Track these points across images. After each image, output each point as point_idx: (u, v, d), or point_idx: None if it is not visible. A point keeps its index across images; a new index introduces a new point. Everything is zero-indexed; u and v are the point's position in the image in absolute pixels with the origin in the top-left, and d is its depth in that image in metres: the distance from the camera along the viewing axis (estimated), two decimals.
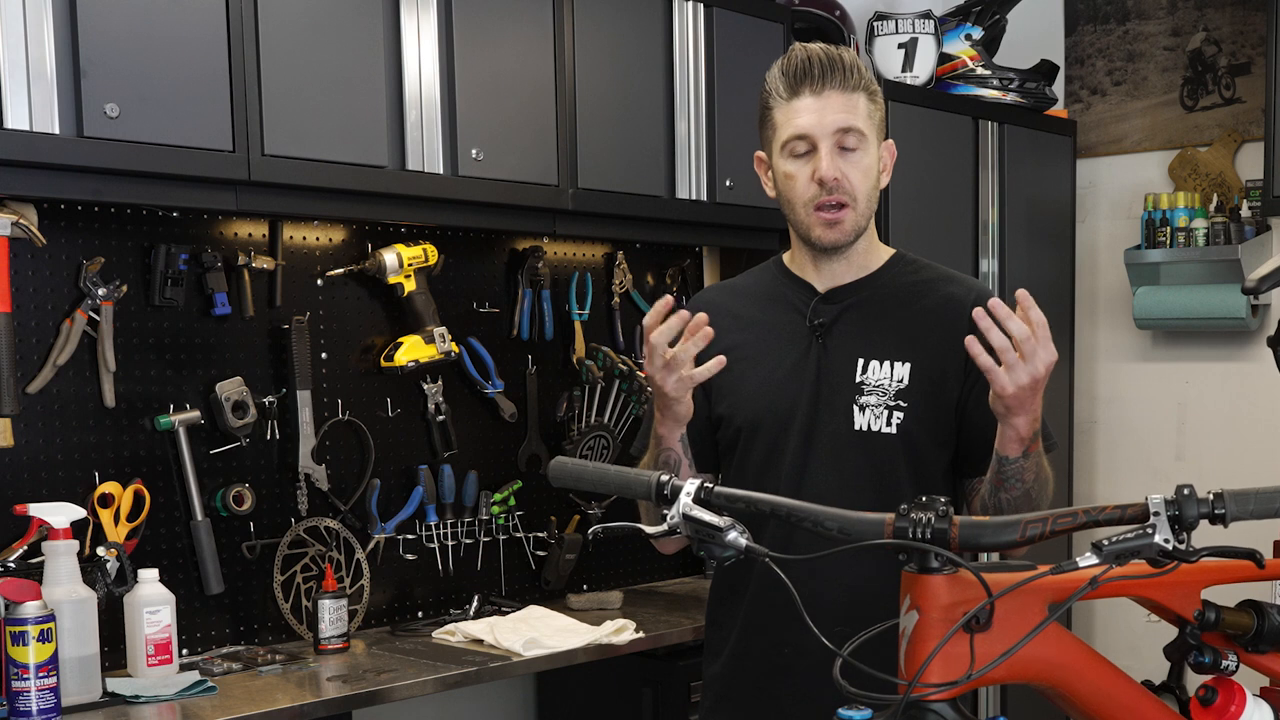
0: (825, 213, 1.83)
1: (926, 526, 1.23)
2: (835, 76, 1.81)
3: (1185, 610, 1.38)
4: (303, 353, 2.76)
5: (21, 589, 2.15)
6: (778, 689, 1.89)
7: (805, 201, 1.84)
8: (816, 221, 1.84)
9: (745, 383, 1.89)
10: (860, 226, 1.86)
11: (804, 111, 1.81)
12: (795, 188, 1.85)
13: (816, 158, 1.81)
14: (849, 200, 1.83)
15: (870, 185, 1.85)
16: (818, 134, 1.81)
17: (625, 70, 2.98)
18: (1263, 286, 2.43)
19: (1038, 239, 3.86)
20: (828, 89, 1.81)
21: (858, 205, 1.84)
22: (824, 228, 1.84)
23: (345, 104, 2.50)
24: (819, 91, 1.81)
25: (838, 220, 1.84)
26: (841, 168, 1.81)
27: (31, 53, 2.11)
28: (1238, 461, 3.78)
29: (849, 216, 1.84)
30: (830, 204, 1.82)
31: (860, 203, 1.84)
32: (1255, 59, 3.75)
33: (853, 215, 1.84)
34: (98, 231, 2.51)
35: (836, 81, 1.81)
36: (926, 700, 1.21)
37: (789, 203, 1.87)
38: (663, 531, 1.38)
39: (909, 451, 1.85)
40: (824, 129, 1.80)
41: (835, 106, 1.80)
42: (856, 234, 1.86)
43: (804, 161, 1.83)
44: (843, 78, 1.81)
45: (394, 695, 2.43)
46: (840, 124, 1.80)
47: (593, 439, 3.25)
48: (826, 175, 1.80)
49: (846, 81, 1.81)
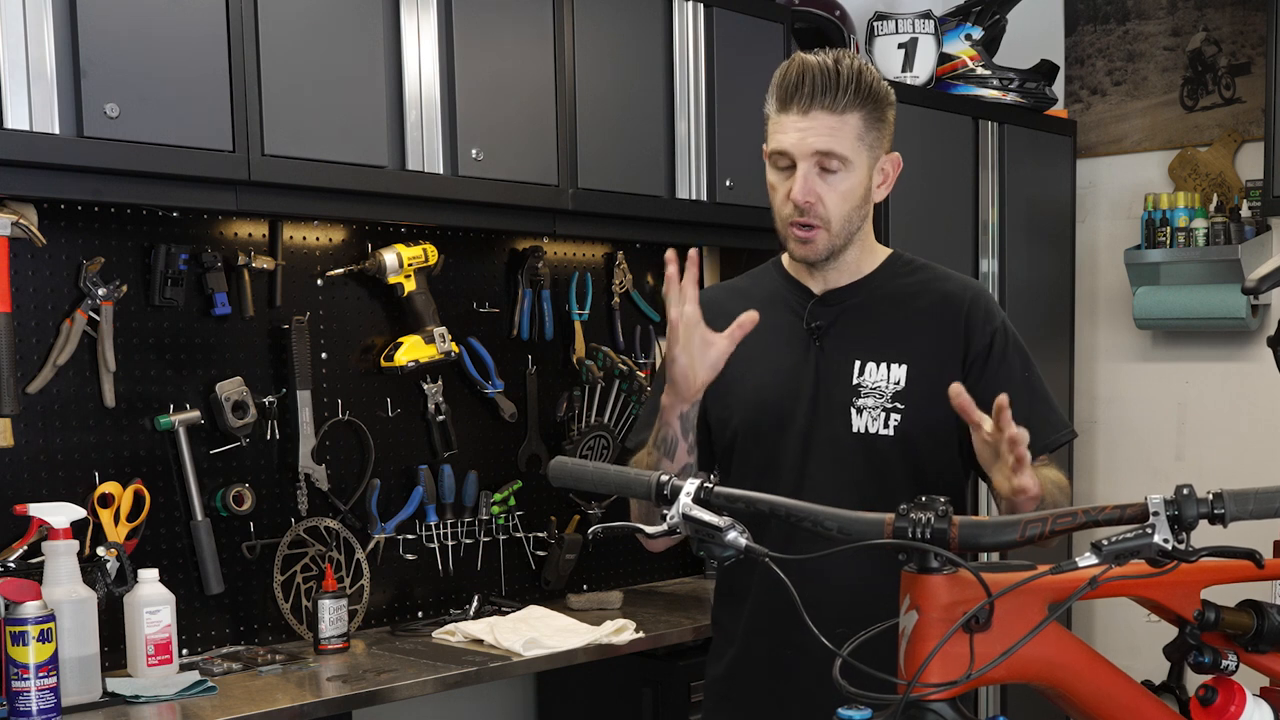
0: (798, 230, 1.84)
1: (926, 526, 1.23)
2: (826, 97, 1.78)
3: (1185, 610, 1.38)
4: (303, 353, 2.76)
5: (21, 589, 2.15)
6: (780, 691, 1.89)
7: (783, 216, 1.85)
8: (791, 235, 1.86)
9: (742, 386, 1.89)
10: (835, 246, 1.86)
11: (788, 129, 1.80)
12: (775, 199, 1.86)
13: (794, 177, 1.81)
14: (820, 223, 1.83)
15: (849, 208, 1.84)
16: (796, 154, 1.80)
17: (625, 70, 2.98)
18: (1263, 286, 2.44)
19: (1038, 239, 3.86)
20: (815, 109, 1.78)
21: (831, 227, 1.83)
22: (796, 243, 1.86)
23: (345, 104, 2.50)
24: (806, 110, 1.79)
25: (809, 239, 1.84)
26: (818, 190, 1.80)
27: (31, 53, 2.11)
28: (1238, 461, 3.78)
29: (821, 238, 1.84)
30: (802, 224, 1.83)
31: (834, 224, 1.83)
32: (1255, 59, 3.75)
33: (825, 237, 1.84)
34: (98, 231, 2.51)
35: (826, 102, 1.78)
36: (926, 700, 1.21)
37: (772, 210, 1.89)
38: (663, 531, 1.38)
39: (907, 453, 1.85)
40: (803, 150, 1.79)
41: (819, 129, 1.78)
42: (830, 253, 1.87)
43: (784, 176, 1.83)
44: (833, 98, 1.78)
45: (394, 695, 2.43)
46: (820, 147, 1.79)
47: (593, 439, 3.25)
48: (798, 198, 1.80)
49: (836, 103, 1.78)
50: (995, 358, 1.87)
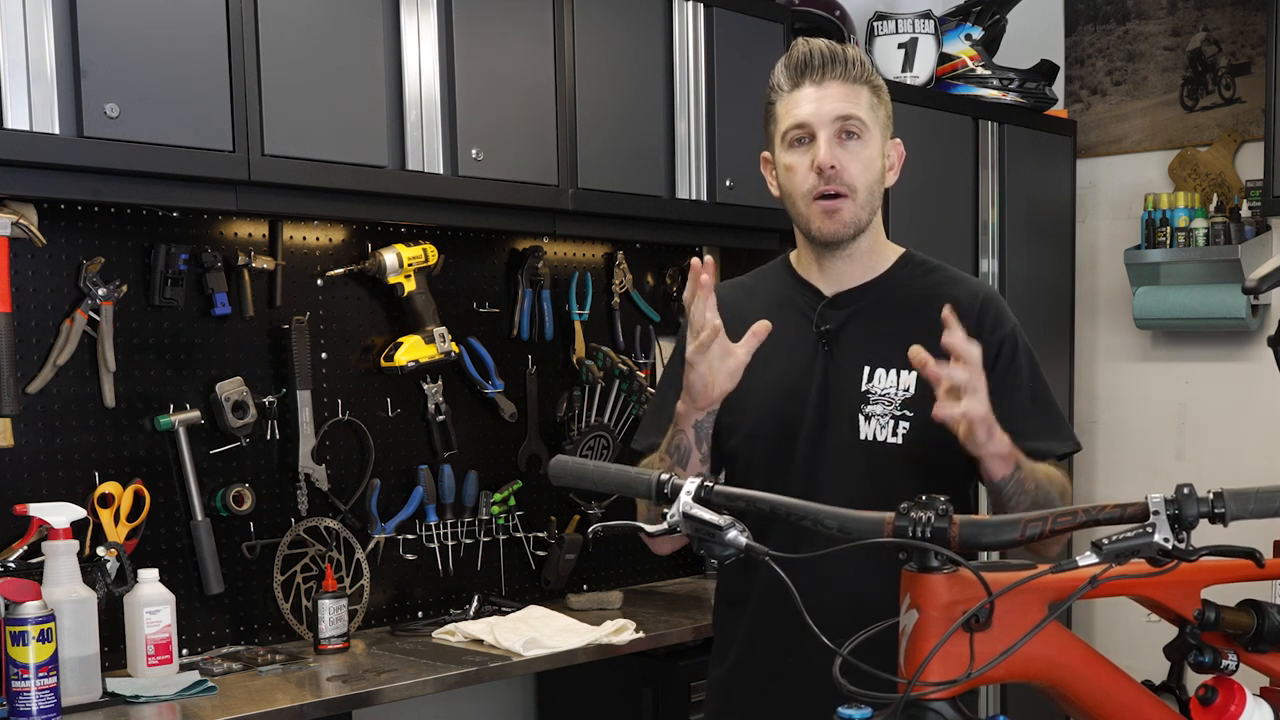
0: (823, 202, 1.81)
1: (926, 525, 1.23)
2: (837, 68, 1.80)
3: (1185, 610, 1.37)
4: (303, 353, 2.76)
5: (21, 589, 2.15)
6: (782, 695, 1.88)
7: (804, 192, 1.82)
8: (815, 212, 1.82)
9: (750, 390, 1.85)
10: (860, 220, 1.83)
11: (804, 101, 1.80)
12: (795, 179, 1.83)
13: (815, 146, 1.80)
14: (847, 190, 1.80)
15: (871, 178, 1.83)
16: (816, 122, 1.79)
17: (625, 70, 2.98)
18: (1263, 286, 2.43)
19: (1038, 239, 3.86)
20: (829, 79, 1.80)
21: (857, 196, 1.81)
22: (822, 218, 1.82)
23: (345, 104, 2.50)
24: (820, 81, 1.80)
25: (835, 209, 1.81)
26: (840, 158, 1.79)
27: (31, 53, 2.11)
28: (1238, 461, 3.78)
29: (847, 207, 1.81)
30: (828, 193, 1.80)
31: (860, 194, 1.81)
32: (1255, 59, 3.75)
33: (851, 206, 1.81)
34: (98, 231, 2.51)
35: (838, 72, 1.80)
36: (926, 699, 1.21)
37: (789, 196, 1.85)
38: (663, 530, 1.38)
39: (916, 461, 1.81)
40: (823, 117, 1.79)
41: (835, 96, 1.80)
42: (856, 228, 1.83)
43: (803, 151, 1.81)
44: (844, 69, 1.81)
45: (394, 695, 2.43)
46: (840, 112, 1.79)
47: (593, 439, 3.25)
48: (824, 162, 1.78)
49: (849, 73, 1.81)
50: (1003, 366, 1.84)
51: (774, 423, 1.86)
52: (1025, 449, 1.76)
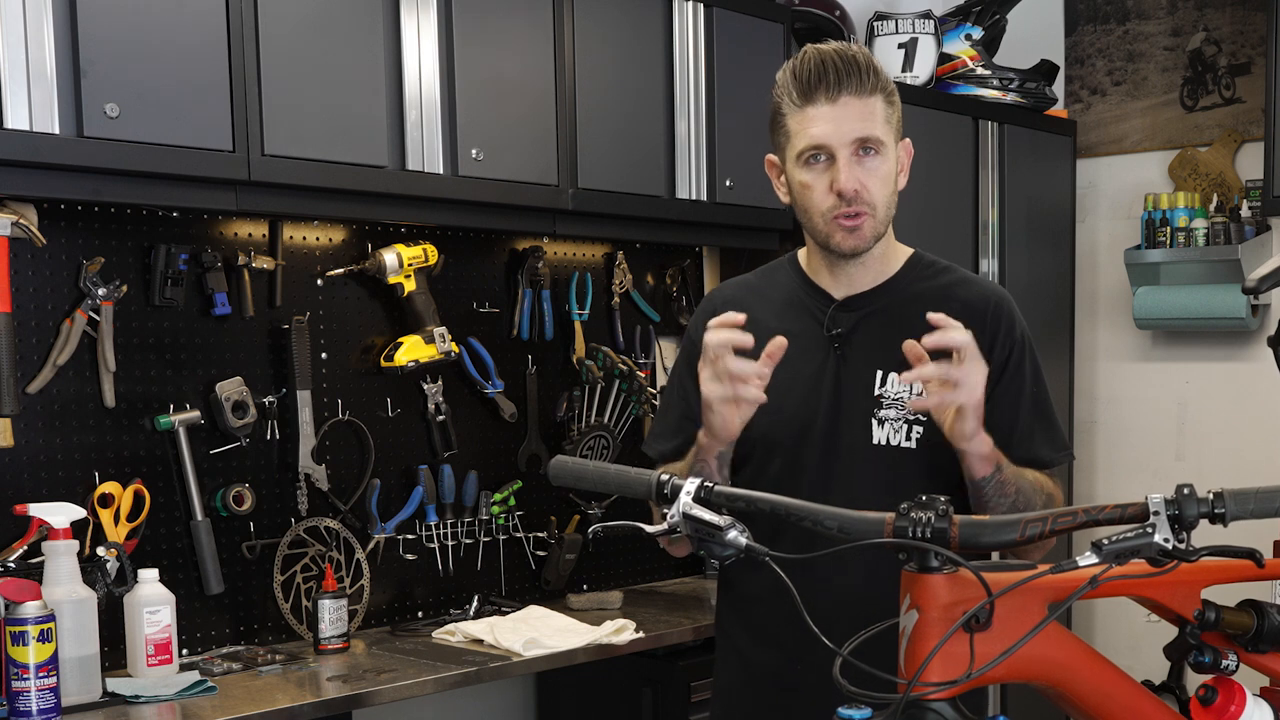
0: (845, 220, 1.78)
1: (926, 525, 1.23)
2: (851, 81, 1.74)
3: (1185, 610, 1.37)
4: (303, 353, 2.76)
5: (21, 589, 2.15)
6: (786, 700, 1.87)
7: (824, 211, 1.79)
8: (836, 229, 1.79)
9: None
10: (879, 233, 1.82)
11: (820, 120, 1.75)
12: (813, 198, 1.79)
13: (835, 168, 1.75)
14: (868, 210, 1.78)
15: (889, 192, 1.80)
16: (835, 144, 1.75)
17: (625, 70, 2.98)
18: (1263, 286, 2.43)
19: (1038, 239, 3.86)
20: (844, 95, 1.74)
21: (877, 213, 1.79)
22: (844, 234, 1.79)
23: (345, 104, 2.50)
24: (834, 99, 1.74)
25: (857, 226, 1.78)
26: (860, 177, 1.76)
27: (31, 53, 2.11)
28: (1238, 461, 3.78)
29: (868, 224, 1.79)
30: (849, 214, 1.78)
31: (879, 210, 1.79)
32: (1255, 59, 3.75)
33: (871, 223, 1.79)
34: (98, 231, 2.51)
35: (852, 87, 1.74)
36: (926, 699, 1.21)
37: (805, 211, 1.82)
38: (662, 530, 1.38)
39: (929, 465, 1.80)
40: (841, 139, 1.75)
41: (852, 115, 1.75)
42: (875, 240, 1.82)
43: (821, 171, 1.77)
44: (859, 82, 1.75)
45: (394, 695, 2.43)
46: (858, 134, 1.75)
47: (593, 439, 3.25)
48: (846, 188, 1.75)
49: (863, 86, 1.75)
50: (1010, 371, 1.83)
51: (785, 427, 1.84)
52: (1018, 453, 1.76)
